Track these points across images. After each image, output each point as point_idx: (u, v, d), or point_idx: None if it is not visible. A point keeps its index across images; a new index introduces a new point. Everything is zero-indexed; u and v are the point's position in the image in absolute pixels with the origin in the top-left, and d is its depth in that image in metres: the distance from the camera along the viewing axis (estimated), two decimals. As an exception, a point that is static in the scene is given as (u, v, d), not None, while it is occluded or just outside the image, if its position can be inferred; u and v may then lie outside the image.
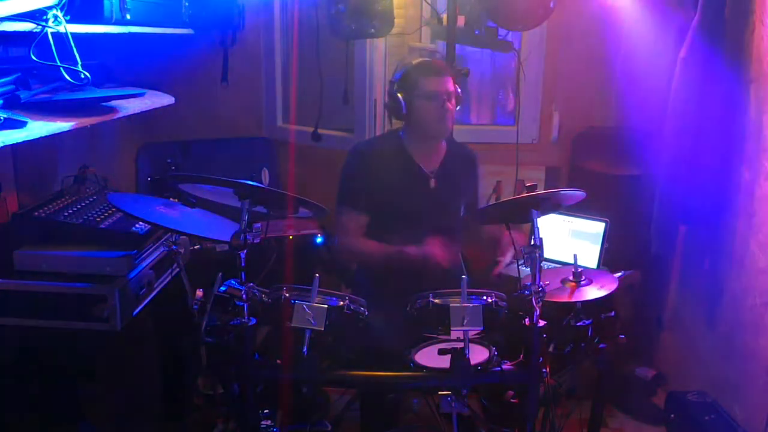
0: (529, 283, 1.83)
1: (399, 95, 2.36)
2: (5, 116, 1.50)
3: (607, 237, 2.83)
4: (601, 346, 2.06)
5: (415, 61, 2.44)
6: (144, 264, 2.16)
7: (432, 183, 2.46)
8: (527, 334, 1.83)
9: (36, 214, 2.10)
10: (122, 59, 2.65)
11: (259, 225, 1.85)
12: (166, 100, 2.47)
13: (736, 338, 2.52)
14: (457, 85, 2.40)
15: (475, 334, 1.84)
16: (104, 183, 2.53)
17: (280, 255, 2.81)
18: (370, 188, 2.40)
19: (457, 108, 2.43)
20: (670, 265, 3.09)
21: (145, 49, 2.80)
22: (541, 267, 1.84)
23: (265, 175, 1.87)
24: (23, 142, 1.52)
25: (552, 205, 2.01)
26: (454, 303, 1.77)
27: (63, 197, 2.29)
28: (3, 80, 1.66)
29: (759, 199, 2.39)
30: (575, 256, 2.12)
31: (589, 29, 3.25)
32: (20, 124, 1.54)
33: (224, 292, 1.82)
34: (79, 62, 1.73)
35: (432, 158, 2.49)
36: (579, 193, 1.97)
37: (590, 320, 2.03)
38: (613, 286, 2.06)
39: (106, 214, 2.21)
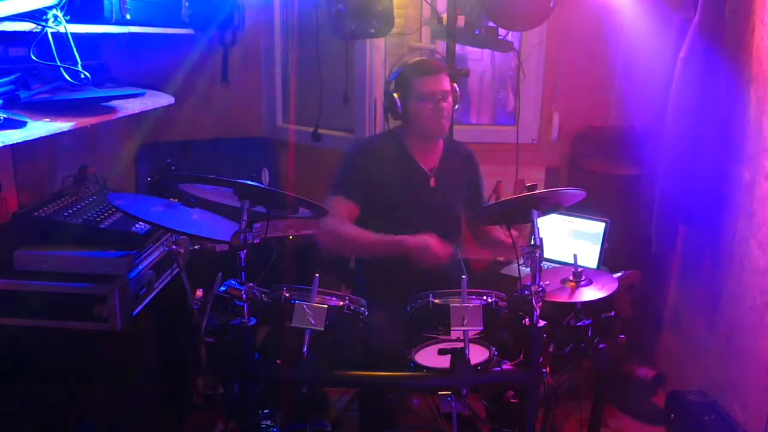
0: (529, 283, 1.83)
1: (395, 95, 2.36)
2: (5, 116, 1.50)
3: (607, 237, 2.82)
4: (601, 346, 2.06)
5: (410, 61, 2.43)
6: (144, 264, 2.16)
7: (431, 182, 2.46)
8: (527, 334, 1.83)
9: (36, 214, 2.10)
10: (122, 59, 2.65)
11: (259, 225, 1.85)
12: (166, 100, 2.47)
13: (736, 338, 2.52)
14: (454, 83, 2.40)
15: (475, 334, 1.84)
16: (104, 183, 2.53)
17: (280, 255, 2.80)
18: (369, 185, 2.38)
19: (456, 106, 2.43)
20: (670, 265, 3.09)
21: (145, 49, 2.80)
22: (541, 267, 1.84)
23: (265, 175, 1.87)
24: (23, 142, 1.52)
25: (552, 205, 2.01)
26: (454, 303, 1.77)
27: (63, 197, 2.28)
28: (3, 80, 1.66)
29: (759, 199, 2.39)
30: (575, 256, 2.12)
31: (589, 29, 3.25)
32: (20, 124, 1.54)
33: (224, 292, 1.82)
34: (79, 62, 1.73)
35: (431, 157, 2.48)
36: (579, 193, 1.97)
37: (590, 320, 2.03)
38: (613, 286, 2.06)
39: (106, 214, 2.21)
